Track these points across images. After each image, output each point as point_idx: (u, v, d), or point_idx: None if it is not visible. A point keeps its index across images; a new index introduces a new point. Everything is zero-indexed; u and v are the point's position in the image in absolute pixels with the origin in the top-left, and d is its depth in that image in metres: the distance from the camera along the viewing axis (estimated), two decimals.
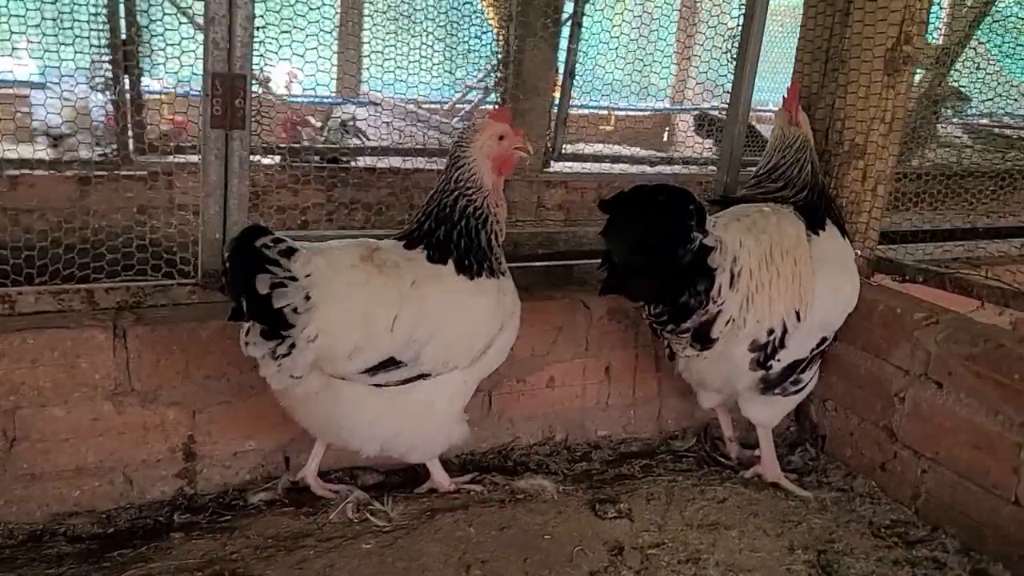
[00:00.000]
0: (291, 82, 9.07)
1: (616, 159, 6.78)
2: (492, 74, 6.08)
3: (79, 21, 4.38)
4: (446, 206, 2.46)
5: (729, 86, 3.51)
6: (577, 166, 6.55)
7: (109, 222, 3.84)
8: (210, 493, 2.66)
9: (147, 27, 4.40)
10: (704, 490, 2.79)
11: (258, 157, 5.54)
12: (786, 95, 3.11)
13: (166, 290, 2.70)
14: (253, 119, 2.75)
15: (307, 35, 4.24)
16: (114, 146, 4.91)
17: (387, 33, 6.15)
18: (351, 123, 5.85)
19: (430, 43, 6.05)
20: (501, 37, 5.95)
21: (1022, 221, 4.49)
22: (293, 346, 2.21)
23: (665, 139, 10.33)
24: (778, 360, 2.75)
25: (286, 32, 4.05)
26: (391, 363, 2.34)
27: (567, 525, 2.49)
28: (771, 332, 2.70)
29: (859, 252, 3.21)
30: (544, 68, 6.25)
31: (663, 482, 2.83)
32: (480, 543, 2.35)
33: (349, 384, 2.35)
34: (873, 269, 3.34)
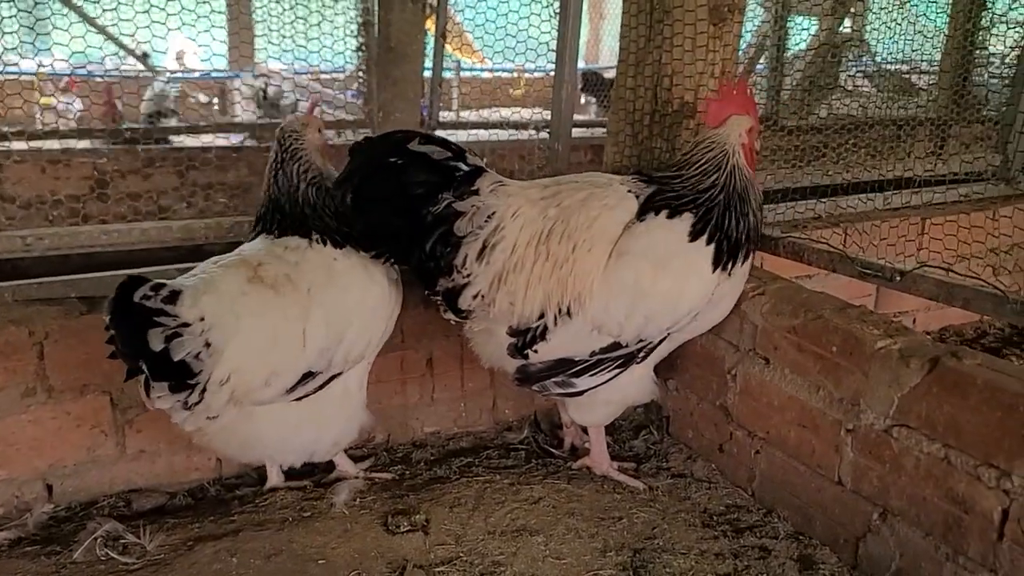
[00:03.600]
0: (182, 56, 8.57)
1: (496, 124, 6.46)
2: (352, 39, 5.71)
3: None
4: (298, 201, 2.41)
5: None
6: (464, 135, 6.21)
7: None
8: None
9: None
10: (519, 490, 2.56)
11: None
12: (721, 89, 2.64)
13: None
14: None
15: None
16: None
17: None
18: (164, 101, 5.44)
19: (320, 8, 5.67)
20: None
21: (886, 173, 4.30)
22: (204, 391, 2.10)
23: (583, 101, 10.04)
24: (535, 352, 2.44)
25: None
26: (307, 376, 2.31)
27: (350, 545, 2.23)
28: (529, 320, 2.40)
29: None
30: (412, 30, 5.91)
31: (477, 483, 2.59)
32: (239, 575, 2.08)
33: (266, 406, 2.28)
34: None
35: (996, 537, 1.92)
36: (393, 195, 2.26)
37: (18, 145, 3.94)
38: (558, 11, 3.18)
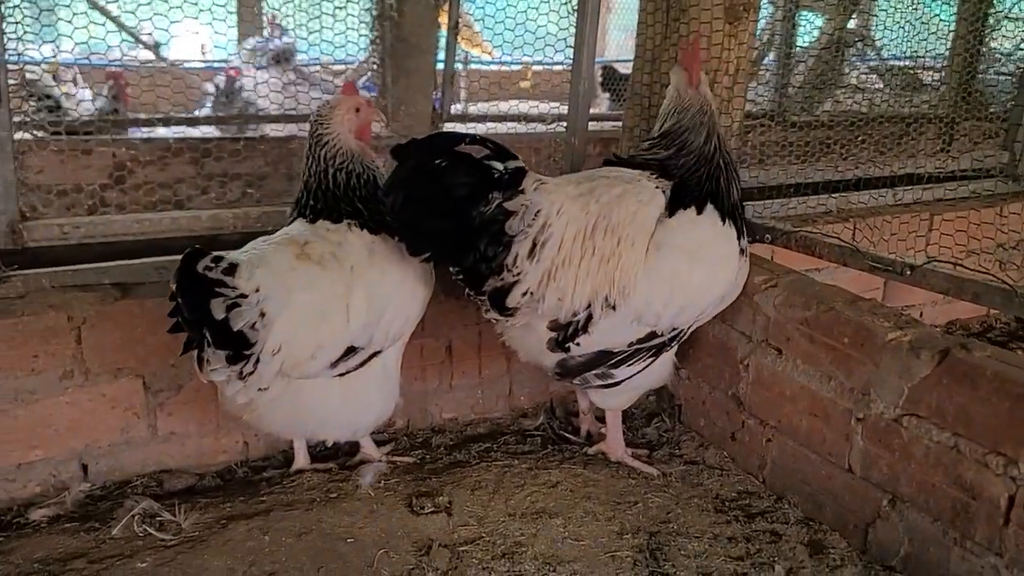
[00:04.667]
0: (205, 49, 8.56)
1: (507, 117, 6.49)
2: (367, 33, 5.75)
3: None
4: (328, 186, 2.45)
5: None
6: (477, 127, 6.23)
7: None
8: None
9: None
10: (538, 474, 2.63)
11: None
12: (685, 51, 2.74)
13: None
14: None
15: None
16: None
17: None
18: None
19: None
20: None
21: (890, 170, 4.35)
22: (258, 361, 2.17)
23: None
24: (578, 344, 2.51)
25: None
26: (350, 351, 2.37)
27: (377, 525, 2.31)
28: (575, 314, 2.46)
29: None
30: (425, 23, 5.95)
31: (496, 468, 2.67)
32: (272, 552, 2.16)
33: (311, 380, 2.35)
34: None
35: (1003, 522, 2.00)
36: (438, 198, 2.26)
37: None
38: (576, 7, 3.23)
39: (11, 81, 2.53)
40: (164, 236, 2.97)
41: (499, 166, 2.33)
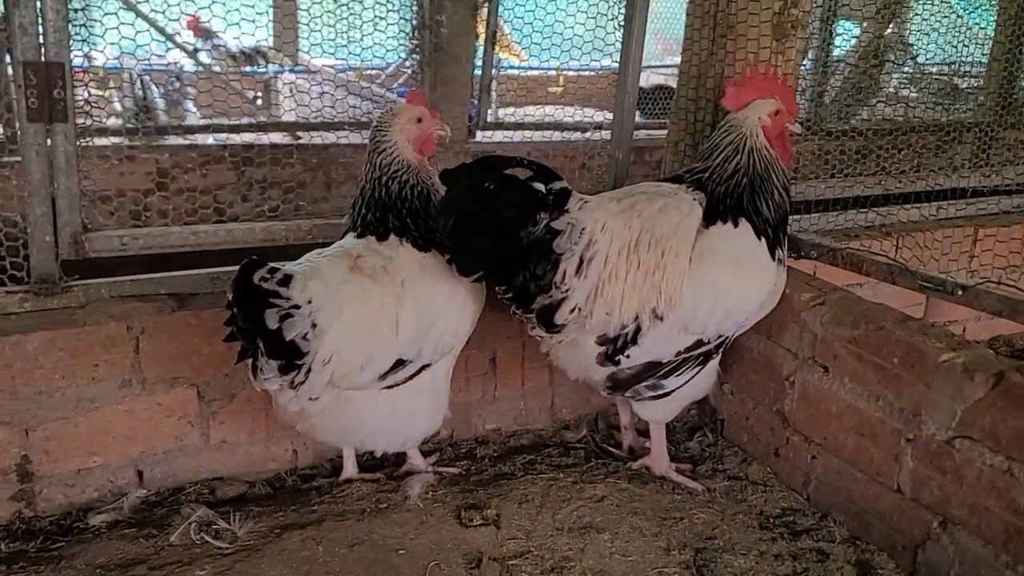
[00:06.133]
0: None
1: (544, 126, 6.50)
2: (407, 40, 5.80)
3: None
4: (381, 195, 2.47)
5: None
6: (513, 135, 6.25)
7: None
8: (52, 515, 2.49)
9: None
10: (583, 488, 2.65)
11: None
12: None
13: None
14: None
15: None
16: None
17: None
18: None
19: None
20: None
21: (934, 184, 4.30)
22: (309, 371, 2.23)
23: None
24: (628, 357, 2.56)
25: None
26: (398, 364, 2.41)
27: (427, 536, 2.35)
28: (623, 327, 2.51)
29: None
30: (463, 32, 6.00)
31: (542, 480, 2.69)
32: (327, 563, 2.20)
33: (360, 392, 2.41)
34: None
35: None
36: (488, 220, 2.31)
37: None
38: (622, 24, 3.25)
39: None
40: (217, 247, 3.01)
41: (544, 187, 2.38)
